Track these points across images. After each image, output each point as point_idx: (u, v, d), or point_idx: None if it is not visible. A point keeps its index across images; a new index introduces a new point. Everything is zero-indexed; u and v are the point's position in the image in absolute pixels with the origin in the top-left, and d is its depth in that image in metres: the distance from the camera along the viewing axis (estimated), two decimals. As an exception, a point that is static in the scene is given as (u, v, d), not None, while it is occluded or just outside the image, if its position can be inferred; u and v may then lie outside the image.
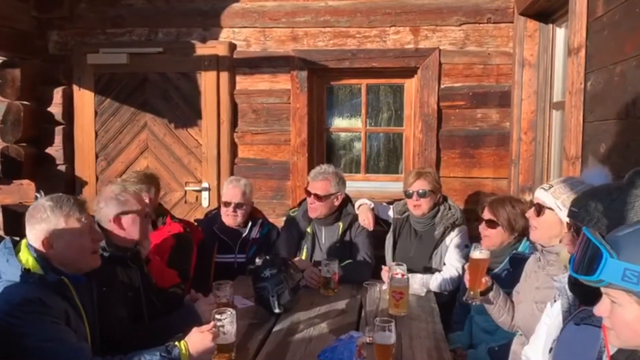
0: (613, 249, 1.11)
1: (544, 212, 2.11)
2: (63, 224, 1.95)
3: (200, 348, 1.93)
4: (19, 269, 1.85)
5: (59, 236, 1.95)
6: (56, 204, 1.98)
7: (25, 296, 1.77)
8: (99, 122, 4.37)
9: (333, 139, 4.58)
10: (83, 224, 1.99)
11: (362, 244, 3.32)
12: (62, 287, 1.91)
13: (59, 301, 1.85)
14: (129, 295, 2.39)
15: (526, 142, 3.78)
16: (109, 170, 4.42)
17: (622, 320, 1.14)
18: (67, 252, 1.96)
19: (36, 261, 1.89)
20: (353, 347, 1.95)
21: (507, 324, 2.43)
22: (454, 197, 3.90)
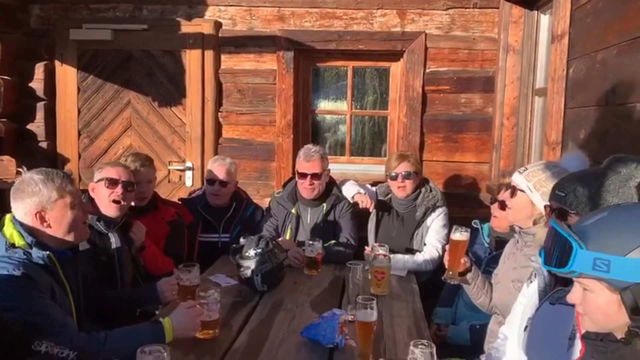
0: (582, 240, 1.15)
1: (517, 194, 2.17)
2: (56, 196, 1.97)
3: (184, 324, 1.97)
4: (3, 243, 1.85)
5: (52, 209, 1.96)
6: (47, 177, 1.99)
7: (10, 271, 1.78)
8: (81, 99, 4.31)
9: (318, 121, 4.59)
10: (75, 196, 2.02)
11: (346, 225, 3.37)
12: (48, 262, 1.91)
13: (44, 276, 1.86)
14: (102, 259, 2.44)
15: (508, 127, 3.84)
16: (92, 148, 4.38)
17: (594, 306, 1.18)
18: (60, 224, 1.98)
19: (21, 236, 1.90)
20: (335, 324, 1.99)
21: (485, 305, 2.50)
22: (436, 181, 3.96)
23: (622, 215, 1.20)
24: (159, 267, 2.93)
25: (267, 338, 2.11)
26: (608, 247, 1.13)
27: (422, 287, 2.87)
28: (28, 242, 1.91)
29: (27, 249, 1.89)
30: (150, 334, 1.89)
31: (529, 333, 1.76)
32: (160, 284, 2.42)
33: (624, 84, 2.20)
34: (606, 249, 1.13)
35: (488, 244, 2.97)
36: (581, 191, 1.65)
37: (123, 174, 2.69)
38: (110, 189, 2.62)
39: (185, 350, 1.96)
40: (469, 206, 4.05)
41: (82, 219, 2.08)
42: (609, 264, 1.12)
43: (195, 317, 2.01)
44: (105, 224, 2.59)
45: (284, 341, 2.09)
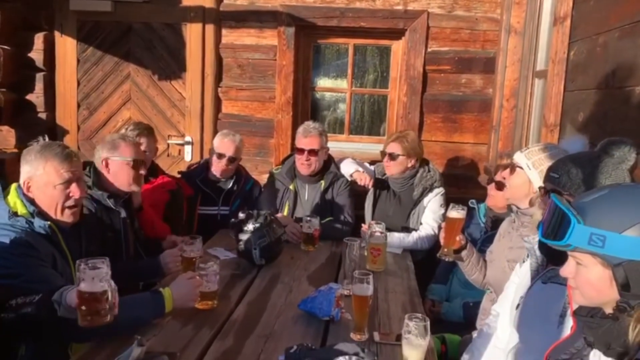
0: (580, 215, 1.18)
1: (516, 171, 2.20)
2: (41, 169, 1.97)
3: (184, 295, 2.01)
4: (7, 211, 1.88)
5: (35, 181, 1.97)
6: (42, 149, 1.99)
7: (13, 239, 1.81)
8: (81, 71, 4.30)
9: (318, 99, 4.58)
10: (59, 175, 1.99)
11: (343, 203, 3.40)
12: (49, 232, 1.94)
13: (46, 245, 1.88)
14: (107, 235, 2.45)
15: (507, 109, 3.85)
16: (91, 120, 4.37)
17: (586, 280, 1.22)
18: (40, 198, 1.99)
19: (24, 205, 1.92)
20: (332, 297, 2.03)
21: (478, 281, 2.54)
22: (434, 161, 3.97)
23: (621, 194, 1.22)
24: (155, 230, 2.96)
25: (264, 310, 2.16)
26: (605, 224, 1.16)
27: (417, 265, 2.92)
28: (30, 211, 1.93)
29: (29, 218, 1.91)
30: (150, 304, 1.93)
31: (520, 311, 1.80)
32: (163, 256, 2.45)
33: (624, 67, 2.21)
34: (603, 225, 1.16)
35: (484, 223, 3.01)
36: (575, 173, 1.68)
37: (140, 153, 2.70)
38: (135, 169, 2.58)
39: (184, 321, 2.00)
40: (466, 187, 4.08)
41: (62, 201, 2.03)
42: (604, 239, 1.15)
43: (195, 288, 2.05)
44: (113, 200, 2.57)
45: (281, 313, 2.13)
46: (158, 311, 1.93)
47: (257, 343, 1.86)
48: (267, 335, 1.92)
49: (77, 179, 2.07)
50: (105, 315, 1.61)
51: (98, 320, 1.61)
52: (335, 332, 1.96)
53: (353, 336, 1.91)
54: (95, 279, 1.58)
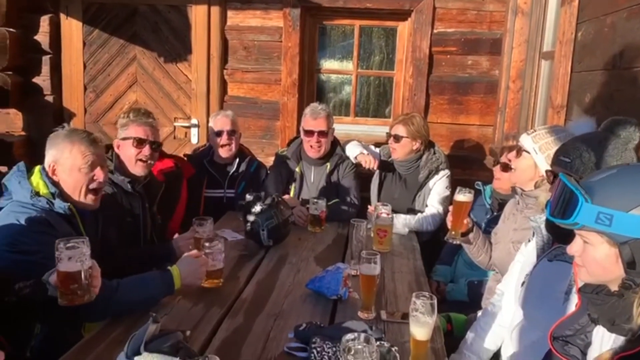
0: (588, 194, 1.20)
1: (522, 155, 2.20)
2: (68, 152, 2.04)
3: (191, 272, 2.05)
4: (29, 191, 1.94)
5: (61, 164, 2.04)
6: (69, 134, 2.08)
7: (34, 217, 1.87)
8: (87, 53, 4.30)
9: (323, 81, 4.58)
10: (85, 158, 2.06)
11: (349, 185, 3.42)
12: (69, 213, 2.00)
13: (64, 226, 1.94)
14: (126, 219, 2.49)
15: (514, 90, 3.84)
16: (98, 102, 4.39)
17: (592, 258, 1.24)
18: (65, 182, 2.05)
19: (46, 186, 1.98)
20: (339, 277, 2.06)
21: (484, 263, 2.57)
22: (440, 143, 3.98)
23: (629, 173, 1.24)
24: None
25: (273, 289, 2.19)
26: (612, 202, 1.18)
27: (423, 247, 2.94)
28: (52, 192, 1.99)
29: (50, 199, 1.97)
30: (159, 282, 1.97)
31: (525, 288, 1.83)
32: (176, 240, 2.48)
33: (632, 48, 2.20)
34: (610, 203, 1.18)
35: (489, 205, 3.03)
36: (587, 157, 1.67)
37: (150, 133, 2.68)
38: (138, 148, 2.61)
39: (194, 300, 2.04)
40: (471, 168, 4.09)
41: (86, 185, 2.09)
42: (611, 218, 1.17)
43: (201, 266, 2.09)
44: (132, 184, 2.61)
45: (289, 292, 2.17)
46: (168, 289, 1.97)
47: (267, 321, 1.89)
48: (277, 314, 1.96)
49: (101, 163, 2.14)
50: (82, 295, 1.61)
51: (76, 299, 1.61)
52: (343, 311, 1.99)
53: (361, 315, 1.94)
54: (72, 258, 1.59)
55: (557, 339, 1.40)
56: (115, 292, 1.87)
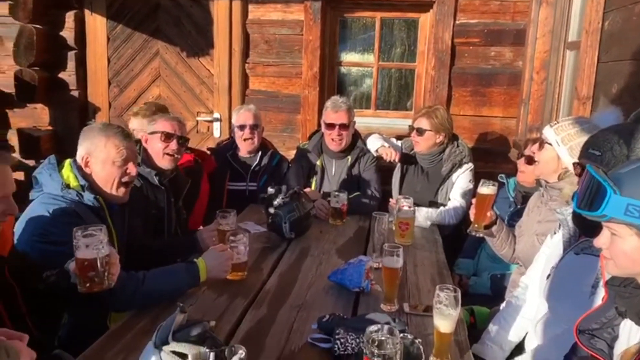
0: (616, 185, 1.18)
1: (544, 147, 2.17)
2: (102, 146, 2.09)
3: (216, 265, 2.07)
4: (60, 183, 1.99)
5: (96, 156, 2.09)
6: (104, 127, 2.14)
7: (63, 208, 1.92)
8: (111, 48, 4.36)
9: (344, 74, 4.57)
10: (119, 152, 2.11)
11: (370, 178, 3.42)
12: (97, 205, 2.05)
13: (93, 218, 1.98)
14: (152, 212, 2.53)
15: (537, 81, 3.79)
16: (122, 97, 4.45)
17: (621, 251, 1.22)
18: (98, 174, 2.10)
19: (76, 178, 2.03)
20: (362, 269, 2.07)
21: (507, 256, 2.55)
22: (462, 135, 3.93)
23: None
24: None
25: (295, 281, 2.21)
26: None
27: (445, 240, 2.93)
28: (81, 184, 2.04)
29: (80, 191, 2.02)
30: (185, 274, 2.00)
31: (551, 281, 1.81)
32: (200, 232, 2.52)
33: (661, 37, 2.15)
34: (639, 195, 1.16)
35: (513, 198, 3.00)
36: (619, 150, 1.61)
37: (178, 128, 2.76)
38: (166, 142, 2.69)
39: (219, 291, 2.06)
40: (495, 161, 4.05)
41: (119, 178, 2.13)
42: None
43: (227, 260, 2.11)
44: (158, 177, 2.68)
45: (312, 284, 2.18)
46: (193, 281, 2.00)
47: (290, 312, 1.91)
48: (300, 305, 1.97)
49: (133, 158, 2.18)
50: (100, 282, 1.64)
51: (94, 287, 1.64)
52: (366, 303, 2.00)
53: (383, 307, 1.95)
54: (89, 246, 1.61)
55: (583, 332, 1.39)
56: (141, 283, 1.90)
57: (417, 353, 1.55)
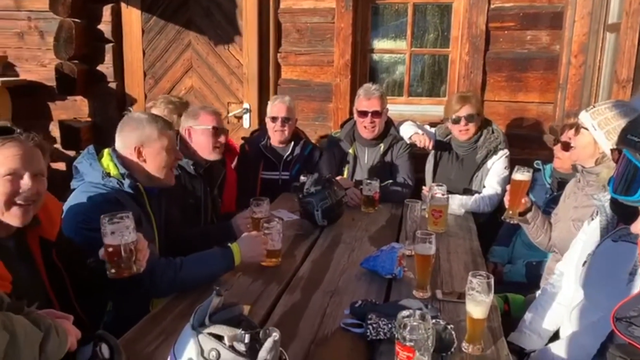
0: None
1: (580, 132, 2.12)
2: (156, 136, 2.17)
3: (250, 251, 2.13)
4: (100, 172, 2.07)
5: (149, 146, 2.17)
6: (151, 118, 2.23)
7: (105, 195, 2.00)
8: (146, 40, 4.44)
9: (376, 61, 4.54)
10: (170, 141, 2.21)
11: (403, 165, 3.41)
12: (137, 193, 2.12)
13: (132, 205, 2.06)
14: (189, 201, 2.60)
15: (575, 65, 3.68)
16: (156, 88, 4.53)
17: None
18: (153, 162, 2.18)
19: (116, 167, 2.11)
20: (394, 256, 2.08)
21: (544, 244, 2.51)
22: (497, 121, 3.88)
23: None
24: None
25: (328, 268, 2.23)
26: None
27: (480, 228, 2.90)
28: (121, 172, 2.11)
29: (120, 179, 2.09)
30: (221, 258, 2.06)
31: (587, 268, 1.78)
32: (234, 219, 2.57)
33: None
34: None
35: (549, 184, 2.94)
36: None
37: (220, 121, 2.88)
38: (215, 136, 2.80)
39: (254, 277, 2.11)
40: (531, 147, 3.97)
41: (171, 163, 2.24)
42: None
43: (260, 245, 2.16)
44: (195, 166, 2.78)
45: (344, 271, 2.20)
46: (228, 265, 2.06)
47: (323, 298, 1.94)
48: (332, 291, 1.99)
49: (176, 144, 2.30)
50: (127, 267, 1.68)
51: (122, 272, 1.68)
52: (398, 290, 2.01)
53: (416, 294, 1.95)
54: (115, 233, 1.66)
55: (621, 320, 1.37)
56: (179, 269, 1.97)
57: (449, 339, 1.55)
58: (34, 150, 1.64)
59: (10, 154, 1.56)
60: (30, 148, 1.63)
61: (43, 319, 1.19)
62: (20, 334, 1.08)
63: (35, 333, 1.12)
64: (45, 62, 4.39)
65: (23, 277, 1.60)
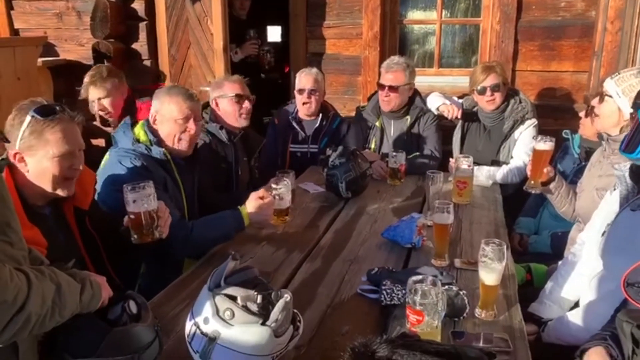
0: None
1: (605, 100, 2.09)
2: (166, 103, 2.28)
3: (257, 210, 2.21)
4: (131, 139, 2.22)
5: (161, 114, 2.28)
6: (170, 88, 2.37)
7: (133, 160, 2.13)
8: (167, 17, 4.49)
9: (406, 33, 4.49)
10: (181, 111, 2.27)
11: (430, 137, 3.40)
12: (164, 159, 2.24)
13: (160, 170, 2.21)
14: (221, 166, 2.81)
15: (612, 32, 3.56)
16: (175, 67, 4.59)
17: None
18: (162, 129, 2.29)
19: (146, 134, 2.25)
20: (413, 226, 2.11)
21: (568, 214, 2.49)
22: (529, 92, 3.82)
23: None
24: None
25: (350, 237, 2.29)
26: None
27: (508, 199, 2.90)
28: (150, 139, 2.25)
29: (148, 145, 2.23)
30: (231, 219, 2.18)
31: (606, 238, 1.78)
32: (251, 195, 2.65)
33: None
34: None
35: (578, 154, 2.89)
36: None
37: (245, 89, 2.94)
38: (239, 104, 2.88)
39: (277, 246, 2.19)
40: (564, 118, 3.87)
41: (179, 133, 2.29)
42: None
43: (266, 206, 2.22)
44: (227, 134, 2.88)
45: (365, 240, 2.26)
46: (238, 225, 2.18)
47: (343, 265, 2.00)
48: (352, 259, 2.06)
49: (195, 117, 2.33)
50: (149, 234, 1.79)
51: (144, 238, 1.79)
52: (417, 258, 2.06)
53: (434, 262, 1.99)
54: (137, 201, 1.75)
55: (632, 285, 1.38)
56: (190, 230, 2.10)
57: (461, 304, 1.59)
58: (77, 128, 1.78)
59: (62, 134, 1.69)
60: (75, 126, 1.77)
61: (79, 273, 1.30)
62: (64, 285, 1.19)
63: (74, 284, 1.23)
64: (83, 42, 4.52)
65: (60, 244, 1.73)
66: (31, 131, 1.66)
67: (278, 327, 1.24)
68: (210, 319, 1.25)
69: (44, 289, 1.12)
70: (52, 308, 1.14)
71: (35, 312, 1.09)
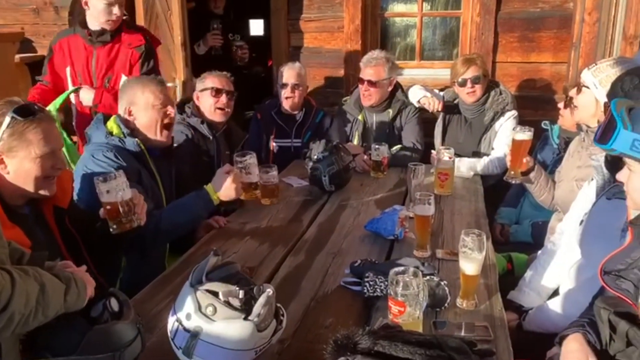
0: (630, 122, 1.18)
1: (582, 91, 2.12)
2: (140, 94, 2.26)
3: (224, 186, 2.23)
4: (104, 132, 2.21)
5: (136, 104, 2.26)
6: (138, 79, 2.37)
7: (105, 153, 2.12)
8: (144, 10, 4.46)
9: (388, 26, 4.49)
10: (157, 97, 2.27)
11: (412, 130, 3.42)
12: (139, 151, 2.23)
13: (133, 162, 2.19)
14: (203, 159, 2.81)
15: (589, 23, 3.60)
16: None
17: (635, 186, 1.23)
18: (142, 120, 2.27)
19: (119, 127, 2.23)
20: (395, 218, 2.13)
21: (547, 202, 2.53)
22: (509, 83, 3.86)
23: None
24: None
25: (333, 230, 2.30)
26: None
27: (489, 190, 2.93)
28: (123, 131, 2.23)
29: (122, 137, 2.21)
30: (198, 200, 2.20)
31: (584, 227, 1.82)
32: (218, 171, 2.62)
33: None
34: None
35: (557, 145, 2.93)
36: None
37: (225, 83, 2.94)
38: (216, 97, 2.88)
39: (260, 241, 2.19)
40: (544, 109, 3.92)
41: (161, 119, 2.29)
42: None
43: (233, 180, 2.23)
44: (208, 128, 2.87)
45: (349, 233, 2.27)
46: (207, 204, 2.20)
47: (326, 259, 2.01)
48: (335, 252, 2.07)
49: (170, 101, 2.34)
50: (128, 222, 1.79)
51: (123, 227, 1.79)
52: (399, 250, 2.07)
53: (416, 253, 2.01)
54: (110, 191, 1.76)
55: (609, 273, 1.40)
56: (159, 220, 2.10)
57: (442, 294, 1.61)
58: (55, 126, 1.76)
59: (43, 134, 1.67)
60: (54, 124, 1.76)
61: (63, 272, 1.29)
62: (48, 284, 1.18)
63: (59, 284, 1.23)
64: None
65: (40, 242, 1.71)
66: (11, 132, 1.63)
67: (261, 322, 1.25)
68: (193, 314, 1.25)
69: (28, 288, 1.12)
70: (36, 307, 1.14)
71: (19, 311, 1.09)
